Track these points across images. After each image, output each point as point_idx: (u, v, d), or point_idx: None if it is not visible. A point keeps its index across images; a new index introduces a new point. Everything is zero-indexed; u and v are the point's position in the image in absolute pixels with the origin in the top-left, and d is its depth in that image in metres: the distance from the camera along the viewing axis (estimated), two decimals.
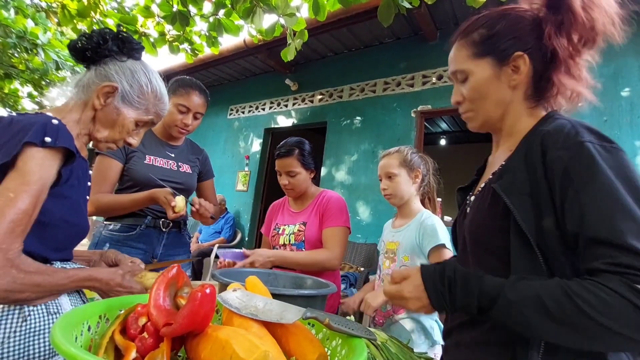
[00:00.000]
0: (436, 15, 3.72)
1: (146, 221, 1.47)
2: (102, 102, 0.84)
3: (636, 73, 2.86)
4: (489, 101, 0.73)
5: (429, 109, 3.87)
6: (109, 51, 0.86)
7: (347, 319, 0.54)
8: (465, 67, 0.74)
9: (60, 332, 0.36)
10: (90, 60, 0.88)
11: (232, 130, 5.95)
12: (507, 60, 0.71)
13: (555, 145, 0.61)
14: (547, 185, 0.60)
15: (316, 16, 2.00)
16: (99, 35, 0.86)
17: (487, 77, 0.72)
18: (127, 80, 0.87)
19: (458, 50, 0.76)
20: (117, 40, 0.88)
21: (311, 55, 4.93)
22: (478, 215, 0.71)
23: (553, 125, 0.65)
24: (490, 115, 0.74)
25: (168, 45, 2.64)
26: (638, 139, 2.75)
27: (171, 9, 2.27)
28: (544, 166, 0.61)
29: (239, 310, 0.52)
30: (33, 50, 3.08)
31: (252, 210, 5.25)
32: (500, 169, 0.71)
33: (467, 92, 0.74)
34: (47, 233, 0.75)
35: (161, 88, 0.94)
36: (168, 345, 0.44)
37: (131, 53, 0.90)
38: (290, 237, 1.59)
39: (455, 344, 0.74)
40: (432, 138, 7.15)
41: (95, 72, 0.86)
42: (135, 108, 0.89)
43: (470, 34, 0.74)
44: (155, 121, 0.95)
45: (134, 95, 0.87)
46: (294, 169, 1.55)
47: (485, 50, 0.72)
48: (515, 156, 0.68)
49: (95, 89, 0.84)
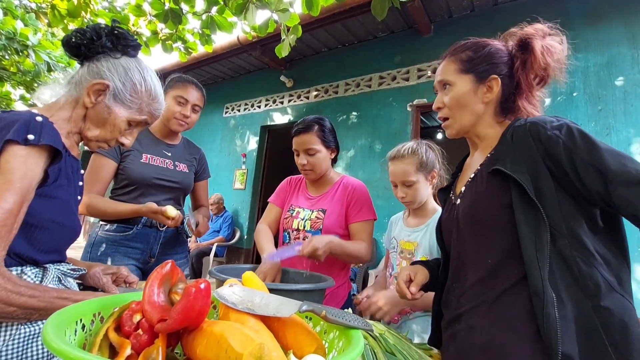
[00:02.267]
0: (430, 9, 3.70)
1: (143, 220, 1.46)
2: (92, 100, 0.81)
3: (629, 62, 2.86)
4: (465, 111, 0.86)
5: (425, 103, 3.87)
6: (102, 47, 0.83)
7: (345, 311, 0.54)
8: (450, 79, 0.87)
9: (51, 330, 0.36)
10: (84, 56, 0.85)
11: (228, 129, 5.92)
12: (484, 80, 0.85)
13: (545, 129, 0.73)
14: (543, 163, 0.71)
15: (310, 11, 1.99)
16: (92, 31, 0.83)
17: (466, 91, 0.85)
18: (119, 78, 0.83)
19: (447, 65, 0.89)
20: (111, 36, 0.85)
21: (306, 51, 4.90)
22: (477, 197, 0.80)
23: (533, 118, 0.78)
24: (464, 123, 0.88)
25: (161, 44, 2.62)
26: (632, 127, 2.76)
27: (163, 7, 2.25)
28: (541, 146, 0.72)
29: (235, 305, 0.51)
30: (24, 52, 3.04)
31: (250, 208, 5.24)
32: (490, 157, 0.82)
33: (448, 100, 0.88)
34: (36, 235, 0.73)
35: (156, 87, 0.90)
36: (163, 341, 0.44)
37: (126, 50, 0.87)
38: (305, 223, 1.45)
39: (468, 328, 0.77)
40: (428, 132, 7.15)
41: (87, 69, 0.83)
42: (128, 107, 0.85)
43: (459, 53, 0.88)
44: (149, 121, 0.92)
45: (126, 93, 0.84)
46: (314, 145, 1.40)
47: (469, 69, 0.86)
48: (501, 147, 0.80)
49: (86, 86, 0.81)
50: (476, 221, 0.79)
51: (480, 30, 0.90)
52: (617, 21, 2.97)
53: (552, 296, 0.65)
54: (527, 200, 0.70)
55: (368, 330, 0.53)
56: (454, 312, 0.83)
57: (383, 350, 0.65)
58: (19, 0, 3.20)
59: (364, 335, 0.69)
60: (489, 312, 0.74)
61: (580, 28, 3.12)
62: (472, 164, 0.92)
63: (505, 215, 0.73)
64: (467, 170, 0.94)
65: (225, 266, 1.07)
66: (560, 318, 0.64)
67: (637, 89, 2.80)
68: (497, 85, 0.84)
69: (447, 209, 0.95)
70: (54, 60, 3.28)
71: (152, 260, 1.50)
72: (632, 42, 2.88)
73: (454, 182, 0.99)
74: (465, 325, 0.78)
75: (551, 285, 0.66)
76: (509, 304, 0.71)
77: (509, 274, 0.72)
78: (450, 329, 0.83)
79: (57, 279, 0.80)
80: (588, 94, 2.98)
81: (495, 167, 0.76)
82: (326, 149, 1.45)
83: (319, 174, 1.47)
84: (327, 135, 1.44)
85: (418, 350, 0.75)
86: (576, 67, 3.07)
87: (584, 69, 3.04)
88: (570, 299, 0.66)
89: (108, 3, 2.85)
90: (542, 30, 0.85)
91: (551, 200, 0.70)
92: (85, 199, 1.36)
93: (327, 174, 1.52)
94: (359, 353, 0.42)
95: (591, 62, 3.02)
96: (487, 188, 0.78)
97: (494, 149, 0.83)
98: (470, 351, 0.74)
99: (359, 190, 1.47)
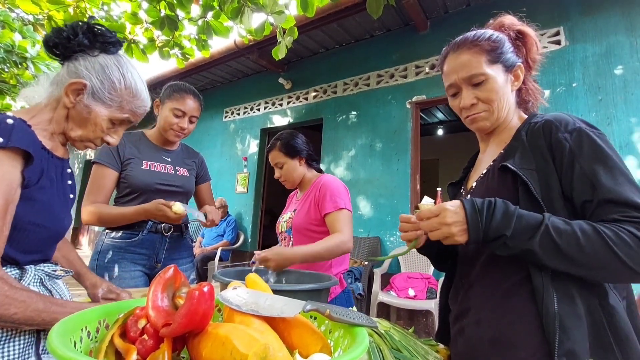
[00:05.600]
0: (426, 5, 3.70)
1: (148, 226, 1.47)
2: (72, 99, 0.80)
3: (628, 50, 2.85)
4: (502, 102, 0.82)
5: (424, 99, 3.86)
6: (79, 45, 0.81)
7: (349, 309, 0.54)
8: (484, 71, 0.81)
9: (57, 338, 0.36)
10: (62, 55, 0.83)
11: (228, 133, 5.93)
12: (511, 69, 0.82)
13: (558, 130, 0.72)
14: (552, 162, 0.71)
15: (305, 12, 1.99)
16: (70, 29, 0.81)
17: (502, 81, 0.81)
18: (97, 76, 0.81)
19: (473, 57, 0.82)
20: (88, 34, 0.82)
21: (303, 53, 4.91)
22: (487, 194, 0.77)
23: (551, 115, 0.77)
24: (501, 115, 0.83)
25: (158, 50, 2.62)
26: (633, 116, 2.74)
27: (159, 14, 2.26)
28: (550, 146, 0.72)
29: (239, 307, 0.52)
30: (23, 64, 3.06)
31: (254, 212, 5.25)
32: (502, 154, 0.81)
33: (484, 94, 0.82)
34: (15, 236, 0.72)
35: (137, 84, 0.87)
36: (169, 345, 0.44)
37: (104, 47, 0.84)
38: (284, 224, 1.62)
39: (476, 322, 0.76)
40: (428, 128, 7.14)
41: (67, 69, 0.82)
42: (108, 105, 0.83)
43: (479, 44, 0.82)
44: (132, 119, 0.90)
45: (104, 91, 0.82)
46: (279, 160, 1.59)
47: (496, 59, 0.81)
48: (515, 142, 0.79)
49: (65, 85, 0.79)
50: None
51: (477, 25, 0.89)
52: (614, 10, 2.96)
53: (552, 293, 0.65)
54: (531, 197, 0.70)
55: (373, 328, 0.53)
56: (462, 307, 0.82)
57: (389, 347, 0.65)
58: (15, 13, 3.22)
59: (370, 333, 0.69)
60: (496, 306, 0.74)
61: (577, 18, 3.10)
62: (484, 159, 0.91)
63: None
64: (479, 166, 0.93)
65: (228, 269, 1.07)
66: (566, 314, 0.64)
67: (636, 77, 2.78)
68: (522, 72, 0.84)
69: None
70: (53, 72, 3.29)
71: (159, 266, 1.51)
72: (630, 30, 2.86)
73: (466, 177, 0.98)
74: (473, 320, 0.78)
75: (560, 282, 0.66)
76: (516, 298, 0.71)
77: (516, 268, 0.72)
78: (458, 324, 0.83)
79: (38, 280, 0.79)
80: (588, 84, 2.97)
81: (504, 163, 0.75)
82: (291, 159, 1.60)
83: (294, 181, 1.63)
84: (289, 147, 1.59)
85: (424, 346, 0.75)
86: (574, 58, 3.06)
87: (582, 59, 3.02)
88: (581, 296, 0.66)
89: (104, 12, 2.86)
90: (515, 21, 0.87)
91: (557, 199, 0.69)
92: (92, 208, 1.38)
93: (304, 178, 1.65)
94: (364, 350, 0.42)
95: (589, 52, 3.01)
96: (498, 184, 0.77)
97: (507, 145, 0.82)
98: (479, 345, 0.74)
99: (326, 184, 1.54)
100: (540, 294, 0.66)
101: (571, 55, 3.08)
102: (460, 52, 0.83)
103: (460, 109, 0.87)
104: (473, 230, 0.68)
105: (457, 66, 0.83)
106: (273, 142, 1.62)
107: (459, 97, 0.86)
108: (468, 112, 0.85)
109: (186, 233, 1.63)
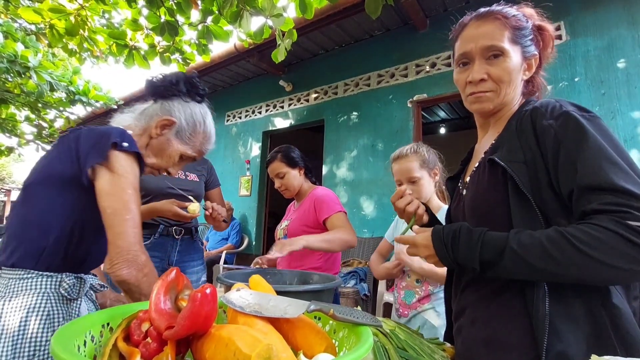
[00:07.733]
0: (425, 4, 3.69)
1: (159, 230, 1.51)
2: (158, 131, 0.95)
3: (630, 43, 2.82)
4: (511, 86, 0.76)
5: (425, 98, 3.85)
6: (178, 91, 0.98)
7: (353, 309, 0.53)
8: (505, 47, 0.74)
9: (60, 343, 0.36)
10: (160, 95, 0.99)
11: (231, 136, 5.95)
12: (528, 56, 0.77)
13: (543, 117, 0.68)
14: (539, 152, 0.67)
15: (303, 15, 2.00)
16: (173, 77, 0.99)
17: (517, 64, 0.76)
18: (185, 118, 0.97)
19: (497, 28, 0.75)
20: (187, 84, 1.00)
21: (303, 55, 4.92)
22: (479, 189, 0.76)
23: (539, 102, 0.73)
24: (506, 100, 0.78)
25: (159, 56, 2.64)
26: (637, 110, 2.71)
27: (159, 20, 2.27)
28: (535, 135, 0.68)
29: (242, 309, 0.51)
30: (26, 74, 3.09)
31: (257, 214, 5.25)
32: (493, 145, 0.77)
33: (496, 72, 0.75)
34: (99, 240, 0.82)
35: (211, 130, 1.04)
36: (172, 348, 0.44)
37: (195, 97, 1.01)
38: (281, 232, 1.74)
39: (471, 322, 0.75)
40: (431, 127, 7.12)
41: (160, 106, 0.97)
42: (185, 143, 0.98)
43: (507, 18, 0.76)
44: (197, 158, 1.04)
45: (187, 132, 0.98)
46: (281, 170, 1.68)
47: (518, 39, 0.76)
48: (505, 133, 0.75)
49: (157, 119, 0.95)
50: (478, 214, 0.75)
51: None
52: (615, 3, 2.94)
53: (544, 292, 0.63)
54: (519, 191, 0.66)
55: (377, 327, 0.52)
56: (459, 306, 0.82)
57: (394, 347, 0.65)
58: (18, 23, 3.25)
59: (375, 333, 0.68)
60: (489, 305, 0.72)
61: (577, 12, 3.08)
62: (480, 150, 0.87)
63: (504, 208, 0.68)
64: (475, 158, 0.89)
65: (233, 272, 1.07)
66: (558, 315, 0.62)
67: (639, 71, 2.76)
68: (535, 63, 0.79)
69: (456, 198, 0.92)
70: (55, 80, 3.32)
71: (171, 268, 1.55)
72: (632, 23, 2.84)
73: (464, 170, 0.94)
74: (469, 319, 0.77)
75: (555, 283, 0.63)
76: (508, 297, 0.69)
77: None
78: (457, 323, 0.82)
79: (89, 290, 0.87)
80: (590, 79, 2.95)
81: (491, 157, 0.72)
82: (292, 168, 1.70)
83: (294, 190, 1.73)
84: (290, 157, 1.70)
85: (430, 345, 0.74)
86: (576, 52, 3.04)
87: (584, 54, 3.00)
88: (578, 297, 0.63)
89: (105, 20, 2.88)
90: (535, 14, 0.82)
91: (546, 192, 0.65)
92: None
93: (302, 188, 1.76)
94: (368, 349, 0.41)
95: (591, 46, 2.99)
96: (489, 179, 0.73)
97: (499, 135, 0.78)
98: (474, 345, 0.73)
99: (320, 194, 1.67)
100: (531, 293, 0.64)
101: (573, 49, 3.06)
102: (484, 21, 0.78)
103: (466, 83, 0.80)
104: (445, 261, 0.71)
105: (478, 35, 0.77)
106: (273, 154, 1.72)
107: (468, 69, 0.79)
108: (474, 88, 0.78)
109: (196, 236, 1.67)
